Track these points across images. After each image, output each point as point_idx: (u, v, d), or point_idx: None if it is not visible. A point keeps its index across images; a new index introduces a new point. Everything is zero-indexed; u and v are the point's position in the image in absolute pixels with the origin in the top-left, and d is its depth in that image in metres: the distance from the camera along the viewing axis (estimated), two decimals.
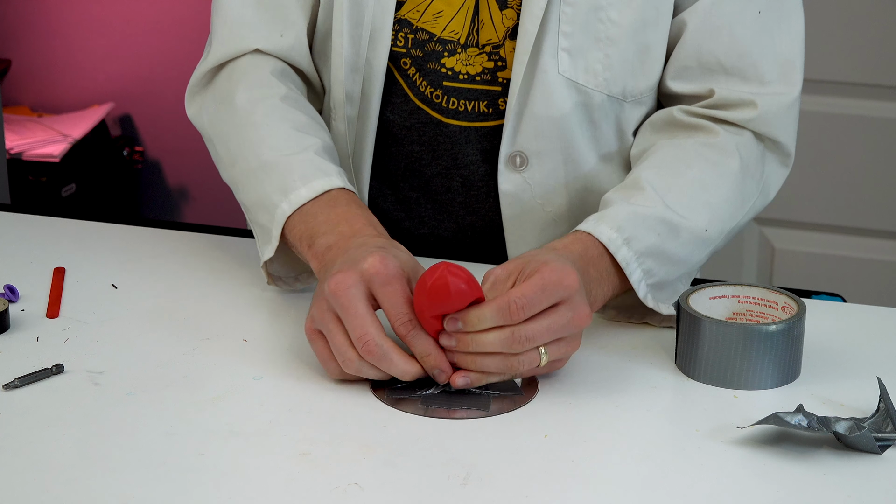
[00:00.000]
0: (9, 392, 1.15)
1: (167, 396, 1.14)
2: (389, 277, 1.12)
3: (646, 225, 1.24)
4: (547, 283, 1.11)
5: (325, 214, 1.24)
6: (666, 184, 1.28)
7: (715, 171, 1.31)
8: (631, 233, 1.23)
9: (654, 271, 1.24)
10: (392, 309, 1.12)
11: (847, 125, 2.64)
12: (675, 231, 1.25)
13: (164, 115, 3.21)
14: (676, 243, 1.25)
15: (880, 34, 2.59)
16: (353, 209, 1.25)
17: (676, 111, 1.36)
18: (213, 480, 1.02)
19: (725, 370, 1.16)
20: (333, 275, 1.13)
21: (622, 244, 1.22)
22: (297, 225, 1.25)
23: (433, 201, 1.45)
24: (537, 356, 1.12)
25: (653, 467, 1.05)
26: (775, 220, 2.74)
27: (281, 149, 1.30)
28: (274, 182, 1.27)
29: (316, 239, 1.22)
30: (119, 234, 1.49)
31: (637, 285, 1.23)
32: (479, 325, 1.11)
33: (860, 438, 1.06)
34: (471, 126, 1.40)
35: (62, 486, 1.01)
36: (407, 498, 1.00)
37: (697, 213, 1.27)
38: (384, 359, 1.11)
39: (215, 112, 1.39)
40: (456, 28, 1.37)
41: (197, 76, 1.42)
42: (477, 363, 1.12)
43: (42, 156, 3.01)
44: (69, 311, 1.30)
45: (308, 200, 1.25)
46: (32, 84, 3.27)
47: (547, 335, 1.11)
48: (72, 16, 3.20)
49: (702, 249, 1.28)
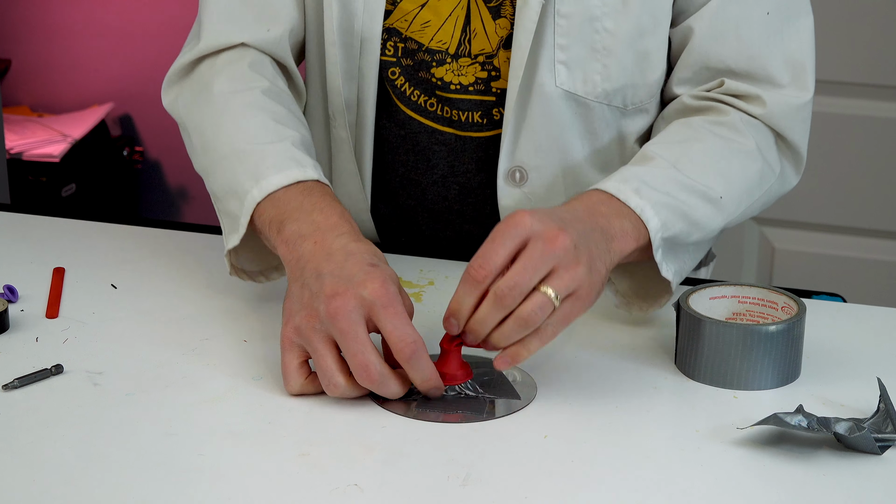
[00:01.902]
0: (8, 392, 1.15)
1: (167, 397, 1.14)
2: (390, 300, 1.09)
3: (656, 183, 1.19)
4: (494, 233, 1.08)
5: (297, 202, 1.19)
6: (675, 154, 1.24)
7: (727, 146, 1.27)
8: (641, 181, 1.18)
9: (670, 224, 1.18)
10: (395, 331, 1.09)
11: (847, 125, 2.64)
12: (688, 191, 1.20)
13: (164, 115, 3.19)
14: (690, 202, 1.20)
15: (880, 34, 2.59)
16: (327, 200, 1.20)
17: (686, 97, 1.34)
18: (212, 480, 1.02)
19: (725, 370, 1.16)
20: (330, 297, 1.10)
21: (632, 193, 1.17)
22: (266, 209, 1.20)
23: (430, 210, 1.45)
24: (544, 298, 1.07)
25: (653, 468, 1.05)
26: (775, 220, 2.74)
27: (257, 138, 1.25)
28: (247, 169, 1.23)
29: (286, 224, 1.17)
30: (119, 234, 1.49)
31: (654, 235, 1.17)
32: (466, 307, 1.08)
33: (860, 439, 1.06)
34: (466, 135, 1.39)
35: (62, 486, 1.01)
36: (406, 498, 1.00)
37: (711, 179, 1.23)
38: (382, 385, 1.10)
39: (192, 100, 1.36)
40: (444, 38, 1.36)
41: (177, 66, 1.39)
42: (497, 340, 1.09)
43: (42, 156, 3.01)
44: (69, 311, 1.30)
45: (280, 188, 1.20)
46: (32, 84, 3.27)
47: (528, 274, 1.06)
48: (72, 16, 3.20)
49: (715, 216, 1.23)
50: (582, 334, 1.26)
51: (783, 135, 1.32)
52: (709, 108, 1.32)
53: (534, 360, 1.20)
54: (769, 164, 1.31)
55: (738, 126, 1.30)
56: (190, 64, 1.39)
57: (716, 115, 1.31)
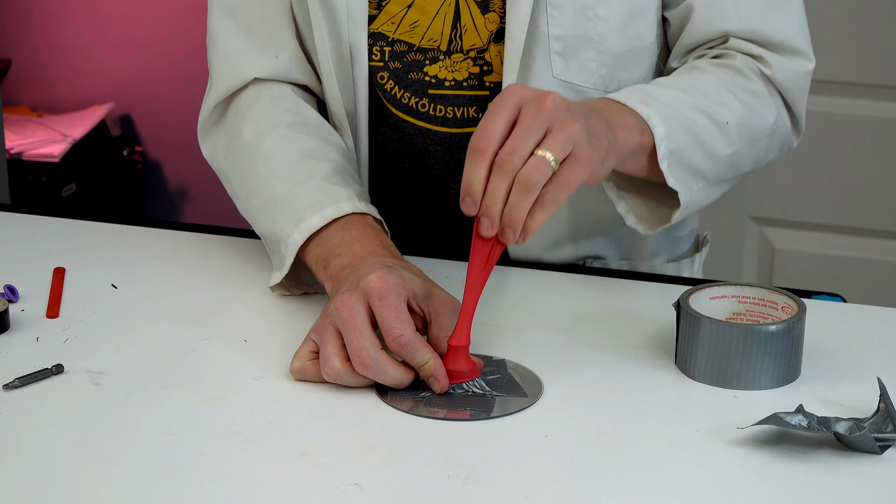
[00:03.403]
0: (9, 392, 1.15)
1: (167, 396, 1.14)
2: (386, 292, 1.12)
3: (662, 97, 1.22)
4: (490, 107, 1.08)
5: (339, 237, 1.25)
6: (683, 82, 1.26)
7: (733, 81, 1.30)
8: (646, 97, 1.21)
9: (675, 135, 1.20)
10: (384, 324, 1.12)
11: (847, 125, 2.64)
12: (695, 109, 1.23)
13: (164, 115, 3.21)
14: (697, 121, 1.22)
15: (880, 34, 2.59)
16: (367, 231, 1.25)
17: (691, 58, 1.36)
18: (212, 480, 1.02)
19: (725, 370, 1.16)
20: (341, 293, 1.14)
21: (639, 102, 1.20)
22: (312, 249, 1.27)
23: (429, 212, 1.45)
24: (538, 159, 1.05)
25: (653, 467, 1.05)
26: (775, 220, 2.74)
27: (288, 179, 1.31)
28: (285, 213, 1.29)
29: (331, 261, 1.24)
30: (119, 234, 1.49)
31: (660, 141, 1.19)
32: (476, 180, 1.06)
33: (860, 439, 1.06)
34: (461, 132, 1.39)
35: (62, 486, 1.01)
36: (407, 498, 1.00)
37: (717, 105, 1.25)
38: (379, 371, 1.12)
39: (227, 149, 1.40)
40: (434, 36, 1.37)
41: (204, 114, 1.43)
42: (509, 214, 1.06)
43: (42, 156, 3.01)
44: (69, 311, 1.30)
45: (318, 229, 1.26)
46: (32, 84, 3.27)
47: (523, 137, 1.05)
48: (72, 16, 3.20)
49: (721, 140, 1.25)
50: (583, 334, 1.26)
51: (786, 97, 1.34)
52: (716, 55, 1.34)
53: (534, 360, 1.20)
54: (777, 110, 1.33)
55: (745, 71, 1.32)
56: (216, 110, 1.42)
57: (723, 59, 1.33)
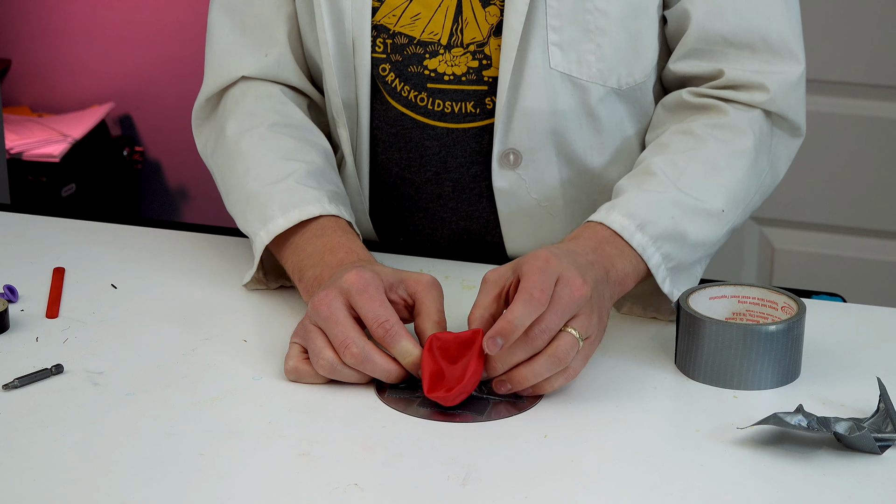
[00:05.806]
0: (8, 392, 1.15)
1: (167, 396, 1.14)
2: (365, 285, 1.14)
3: (659, 209, 1.24)
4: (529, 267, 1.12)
5: (311, 246, 1.27)
6: (678, 168, 1.28)
7: (728, 151, 1.31)
8: (644, 218, 1.23)
9: (673, 255, 1.24)
10: (368, 313, 1.14)
11: (847, 125, 2.64)
12: (691, 213, 1.26)
13: (164, 115, 3.21)
14: (693, 225, 1.26)
15: (880, 34, 2.59)
16: (336, 238, 1.27)
17: (685, 93, 1.37)
18: (212, 480, 1.02)
19: (725, 370, 1.16)
20: (318, 294, 1.16)
21: (636, 230, 1.23)
22: (289, 257, 1.29)
23: (424, 209, 1.45)
24: (573, 338, 1.12)
25: (653, 467, 1.05)
26: (775, 220, 2.74)
27: (263, 178, 1.33)
28: (256, 212, 1.31)
29: (305, 272, 1.26)
30: (119, 234, 1.49)
31: (656, 270, 1.23)
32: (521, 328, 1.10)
33: (860, 439, 1.06)
34: (458, 127, 1.39)
35: (62, 486, 1.01)
36: (406, 498, 1.00)
37: (712, 194, 1.28)
38: (367, 361, 1.13)
39: (214, 146, 1.42)
40: (435, 29, 1.37)
41: (196, 108, 1.45)
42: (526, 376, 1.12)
43: (42, 156, 3.00)
44: (69, 311, 1.30)
45: (286, 229, 1.28)
46: (32, 84, 3.27)
47: (558, 318, 1.11)
48: (72, 16, 3.20)
49: (719, 229, 1.29)
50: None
51: (783, 115, 1.36)
52: (708, 107, 1.35)
53: None
54: (766, 156, 1.35)
55: (737, 125, 1.33)
56: (207, 104, 1.45)
57: (716, 116, 1.34)
